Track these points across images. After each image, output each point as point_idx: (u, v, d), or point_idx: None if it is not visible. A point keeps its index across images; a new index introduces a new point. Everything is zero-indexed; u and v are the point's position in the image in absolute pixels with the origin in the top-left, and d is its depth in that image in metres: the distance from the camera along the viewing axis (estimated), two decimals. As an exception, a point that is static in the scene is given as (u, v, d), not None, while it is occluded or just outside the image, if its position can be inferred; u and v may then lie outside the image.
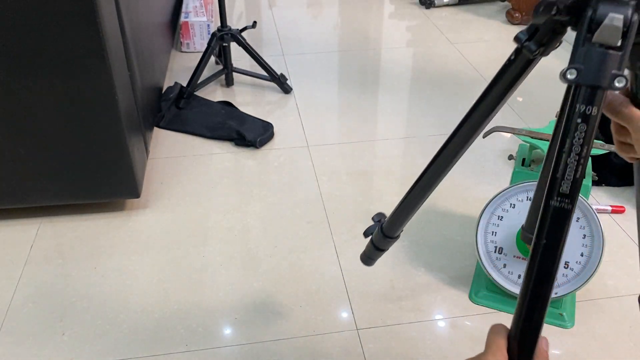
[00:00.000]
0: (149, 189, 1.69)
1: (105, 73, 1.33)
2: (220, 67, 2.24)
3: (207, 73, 2.19)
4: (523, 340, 0.51)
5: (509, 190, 1.24)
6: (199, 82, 2.14)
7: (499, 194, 1.24)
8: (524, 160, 1.31)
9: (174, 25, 2.58)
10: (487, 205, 1.25)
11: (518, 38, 0.60)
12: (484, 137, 1.56)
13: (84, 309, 1.32)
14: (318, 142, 1.92)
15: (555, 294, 1.20)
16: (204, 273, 1.41)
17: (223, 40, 2.14)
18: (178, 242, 1.51)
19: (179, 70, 2.37)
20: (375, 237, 1.06)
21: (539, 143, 1.26)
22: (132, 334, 1.26)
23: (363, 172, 1.78)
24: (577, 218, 1.19)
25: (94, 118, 1.39)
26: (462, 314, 1.30)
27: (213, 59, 2.35)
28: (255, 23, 2.18)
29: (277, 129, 1.97)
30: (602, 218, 1.14)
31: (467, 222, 1.57)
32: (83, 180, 1.49)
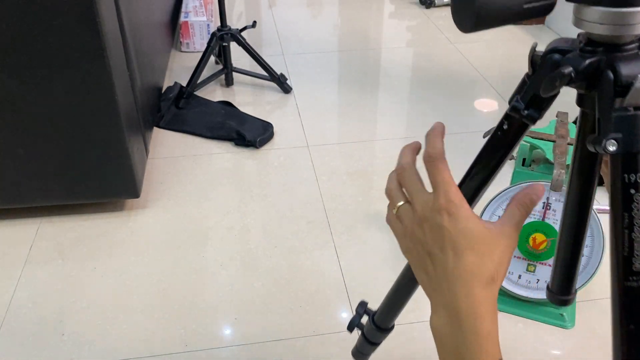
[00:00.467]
0: (149, 189, 1.69)
1: (105, 73, 1.32)
2: (220, 67, 2.24)
3: (206, 73, 2.19)
4: None
5: (510, 190, 1.23)
6: (199, 81, 2.13)
7: (500, 194, 1.24)
8: (525, 160, 1.31)
9: (174, 25, 2.58)
10: (487, 205, 1.25)
11: (516, 109, 0.53)
12: (484, 137, 1.56)
13: (84, 309, 1.32)
14: (318, 142, 1.92)
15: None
16: (204, 273, 1.41)
17: (223, 40, 2.14)
18: (178, 242, 1.50)
19: (179, 70, 2.36)
20: (368, 331, 0.96)
21: (540, 143, 1.26)
22: (131, 334, 1.26)
23: (363, 172, 1.78)
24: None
25: (94, 118, 1.39)
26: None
27: (213, 59, 2.35)
28: (255, 23, 2.18)
29: (277, 129, 1.97)
30: (602, 218, 1.14)
31: (467, 222, 1.56)
32: (82, 180, 1.49)
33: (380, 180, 1.74)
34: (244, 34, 2.18)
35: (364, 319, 0.96)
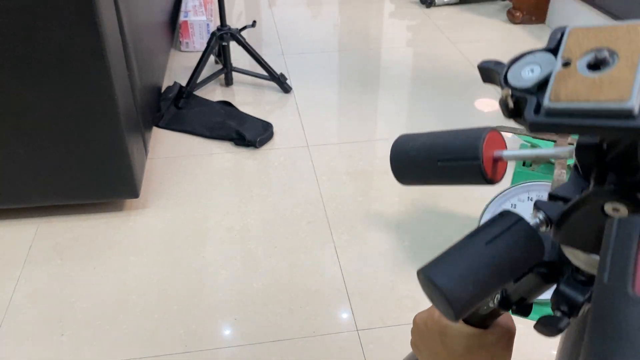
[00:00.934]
0: (148, 189, 1.68)
1: (104, 73, 1.32)
2: (220, 66, 2.24)
3: (206, 72, 2.19)
4: None
5: (510, 190, 1.23)
6: (199, 81, 2.13)
7: (500, 194, 1.24)
8: (525, 162, 1.30)
9: (174, 25, 2.57)
10: (488, 205, 1.25)
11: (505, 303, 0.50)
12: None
13: (83, 310, 1.31)
14: (318, 142, 1.92)
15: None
16: (204, 273, 1.41)
17: (222, 40, 2.13)
18: (177, 242, 1.50)
19: (179, 70, 2.36)
20: None
21: (540, 143, 1.26)
22: (131, 335, 1.25)
23: (363, 172, 1.77)
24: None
25: (93, 118, 1.38)
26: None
27: (212, 59, 2.35)
28: (255, 22, 2.18)
29: (276, 129, 1.96)
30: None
31: (467, 222, 1.56)
32: (82, 180, 1.49)
33: (380, 180, 1.74)
34: (244, 34, 2.17)
35: None
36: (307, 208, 1.62)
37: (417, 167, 0.46)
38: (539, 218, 0.42)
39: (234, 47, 2.19)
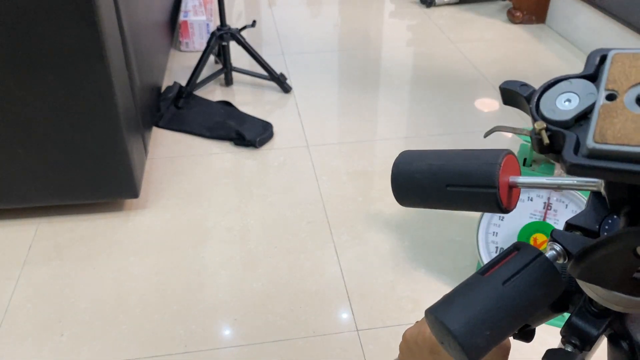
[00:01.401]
0: (148, 189, 1.68)
1: (104, 73, 1.32)
2: (220, 66, 2.23)
3: (206, 72, 2.18)
4: None
5: (510, 191, 1.23)
6: (198, 81, 2.13)
7: (500, 194, 1.23)
8: (525, 160, 1.30)
9: (173, 25, 2.57)
10: (488, 206, 1.24)
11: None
12: (485, 136, 1.56)
13: (83, 310, 1.31)
14: (318, 142, 1.92)
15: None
16: (203, 274, 1.41)
17: (222, 40, 2.13)
18: (177, 242, 1.50)
19: (178, 70, 2.36)
20: None
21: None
22: (131, 335, 1.25)
23: (363, 172, 1.77)
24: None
25: (93, 118, 1.38)
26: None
27: (212, 58, 2.35)
28: (255, 22, 2.17)
29: (276, 129, 1.96)
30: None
31: (467, 222, 1.56)
32: (81, 180, 1.48)
33: (380, 180, 1.73)
34: (244, 34, 2.17)
35: None
36: (307, 208, 1.62)
37: (422, 190, 0.41)
38: (556, 250, 0.38)
39: (234, 47, 2.19)
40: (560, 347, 0.45)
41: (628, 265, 0.33)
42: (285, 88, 2.20)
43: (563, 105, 0.32)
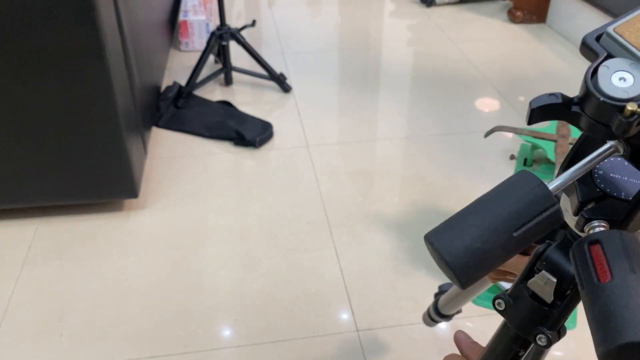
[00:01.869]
0: (148, 189, 1.68)
1: (104, 72, 1.32)
2: (220, 66, 2.23)
3: (206, 72, 2.18)
4: None
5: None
6: (198, 81, 2.13)
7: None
8: (526, 160, 1.30)
9: (173, 24, 2.57)
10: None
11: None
12: (486, 136, 1.56)
13: (82, 310, 1.31)
14: (318, 142, 1.91)
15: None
16: (203, 274, 1.40)
17: (222, 39, 2.13)
18: (177, 242, 1.50)
19: (178, 70, 2.36)
20: (431, 311, 1.01)
21: (541, 143, 1.25)
22: (130, 335, 1.25)
23: (363, 172, 1.77)
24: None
25: (92, 118, 1.38)
26: (462, 315, 1.29)
27: (212, 58, 2.34)
28: (255, 22, 2.17)
29: (276, 129, 1.96)
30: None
31: (467, 222, 1.56)
32: (81, 180, 1.48)
33: (381, 180, 1.73)
34: (244, 33, 2.17)
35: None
36: (307, 208, 1.61)
37: (490, 256, 0.37)
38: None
39: (234, 46, 2.18)
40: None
41: None
42: (285, 88, 2.20)
43: (620, 84, 0.32)
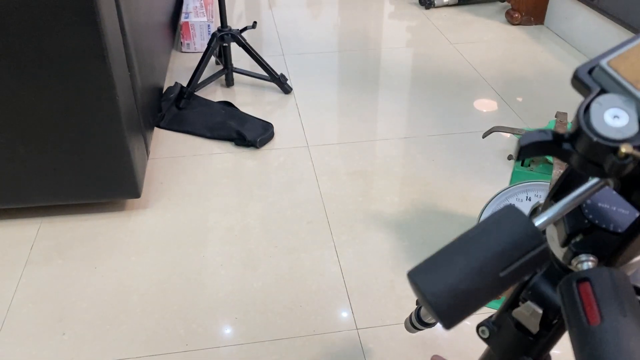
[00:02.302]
0: (149, 189, 1.69)
1: (106, 73, 1.33)
2: (221, 67, 2.24)
3: (207, 73, 2.19)
4: None
5: (509, 190, 1.24)
6: (199, 82, 2.14)
7: (499, 194, 1.24)
8: (524, 161, 1.31)
9: (174, 26, 2.58)
10: (487, 205, 1.25)
11: None
12: (484, 137, 1.57)
13: (84, 309, 1.32)
14: (318, 142, 1.92)
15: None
16: (204, 273, 1.41)
17: (223, 41, 2.14)
18: (178, 242, 1.51)
19: (179, 71, 2.37)
20: (414, 318, 0.98)
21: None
22: (132, 334, 1.26)
23: (363, 172, 1.78)
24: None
25: (94, 118, 1.39)
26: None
27: (213, 59, 2.35)
28: (255, 23, 2.18)
29: (277, 129, 1.97)
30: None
31: (467, 222, 1.57)
32: (83, 180, 1.49)
33: (380, 180, 1.74)
34: (244, 35, 2.18)
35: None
36: (307, 208, 1.62)
37: (475, 296, 0.35)
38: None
39: (235, 48, 2.19)
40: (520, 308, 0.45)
41: None
42: (286, 89, 2.21)
43: (614, 122, 0.31)
